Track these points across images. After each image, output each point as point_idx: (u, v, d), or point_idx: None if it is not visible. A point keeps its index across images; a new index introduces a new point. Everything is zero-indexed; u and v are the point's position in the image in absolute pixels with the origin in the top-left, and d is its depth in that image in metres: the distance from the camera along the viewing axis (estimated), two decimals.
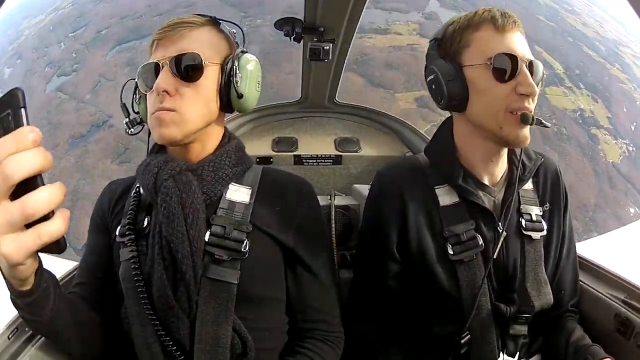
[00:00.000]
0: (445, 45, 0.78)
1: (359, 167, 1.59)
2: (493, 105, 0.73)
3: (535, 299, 0.81)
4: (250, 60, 0.76)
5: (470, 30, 0.76)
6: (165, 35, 0.72)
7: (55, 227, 0.36)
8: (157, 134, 0.71)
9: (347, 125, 1.69)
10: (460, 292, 0.78)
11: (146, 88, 0.73)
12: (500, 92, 0.73)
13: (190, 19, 0.74)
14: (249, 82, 0.74)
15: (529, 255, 0.82)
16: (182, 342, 0.70)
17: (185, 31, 0.72)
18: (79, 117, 37.86)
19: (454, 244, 0.79)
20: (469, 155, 0.83)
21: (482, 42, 0.75)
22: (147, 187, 0.73)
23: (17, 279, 0.49)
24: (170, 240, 0.69)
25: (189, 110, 0.70)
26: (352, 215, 1.36)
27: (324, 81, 1.43)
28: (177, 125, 0.70)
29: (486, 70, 0.73)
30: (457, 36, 0.77)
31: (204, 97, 0.72)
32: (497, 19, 0.74)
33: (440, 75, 0.75)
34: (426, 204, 0.82)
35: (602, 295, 0.93)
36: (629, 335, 0.85)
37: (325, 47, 1.01)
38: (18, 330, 0.75)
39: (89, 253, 0.84)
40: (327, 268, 0.83)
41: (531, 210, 0.85)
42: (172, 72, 0.69)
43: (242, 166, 0.79)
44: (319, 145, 1.62)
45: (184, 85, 0.70)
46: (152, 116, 0.71)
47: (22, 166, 0.34)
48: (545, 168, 0.90)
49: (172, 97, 0.69)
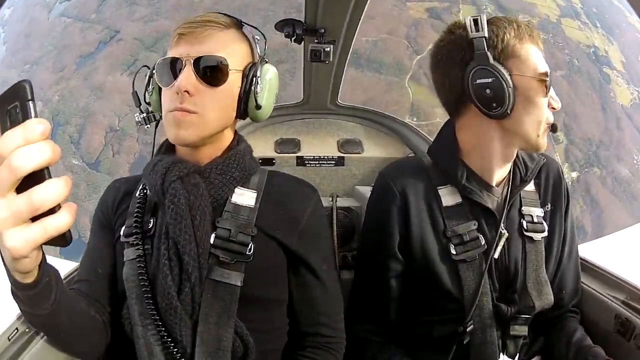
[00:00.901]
0: (492, 49, 0.75)
1: (362, 169, 1.58)
2: (540, 116, 0.76)
3: (536, 299, 0.82)
4: (271, 70, 0.76)
5: (517, 40, 0.76)
6: (191, 32, 0.70)
7: (61, 220, 0.36)
8: (173, 134, 0.71)
9: (349, 127, 1.66)
10: (462, 292, 0.79)
11: (164, 82, 0.71)
12: (544, 104, 0.76)
13: (218, 19, 0.72)
14: (268, 93, 0.75)
15: (530, 256, 0.83)
16: (183, 343, 0.69)
17: (212, 31, 0.71)
18: (85, 37, 37.43)
19: (457, 244, 0.80)
20: (480, 157, 0.83)
21: (531, 56, 0.76)
22: (154, 188, 0.72)
23: (20, 272, 0.48)
24: (177, 241, 0.69)
25: (207, 113, 0.69)
26: (354, 217, 1.37)
27: (325, 83, 1.41)
28: (195, 127, 0.69)
29: (536, 83, 0.75)
30: (507, 43, 0.75)
31: (223, 103, 0.72)
32: (534, 36, 0.78)
33: (503, 80, 0.73)
34: (429, 203, 0.83)
35: (602, 296, 0.93)
36: (629, 336, 0.85)
37: (326, 49, 1.00)
38: (18, 331, 0.73)
39: (91, 249, 0.83)
40: (330, 272, 0.83)
41: (532, 212, 0.86)
42: (195, 73, 0.68)
43: (249, 170, 0.78)
44: (322, 147, 1.60)
45: (205, 87, 0.69)
46: (169, 114, 0.70)
47: (30, 159, 0.33)
48: (547, 169, 0.90)
49: (192, 97, 0.68)
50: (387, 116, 1.65)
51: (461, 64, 0.77)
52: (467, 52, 0.76)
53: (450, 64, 0.79)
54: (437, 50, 0.82)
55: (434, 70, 0.84)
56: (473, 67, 0.75)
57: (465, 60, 0.76)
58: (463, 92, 0.77)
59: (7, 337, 0.71)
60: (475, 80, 0.74)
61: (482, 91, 0.74)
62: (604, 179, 36.74)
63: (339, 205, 1.40)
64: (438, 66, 0.82)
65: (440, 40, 0.82)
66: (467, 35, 0.75)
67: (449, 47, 0.79)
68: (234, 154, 0.76)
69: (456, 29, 0.79)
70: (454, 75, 0.78)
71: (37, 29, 39.93)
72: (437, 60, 0.82)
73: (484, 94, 0.74)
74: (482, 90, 0.74)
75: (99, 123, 33.11)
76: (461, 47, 0.77)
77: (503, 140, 0.80)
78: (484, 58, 0.74)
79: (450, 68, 0.79)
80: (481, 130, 0.81)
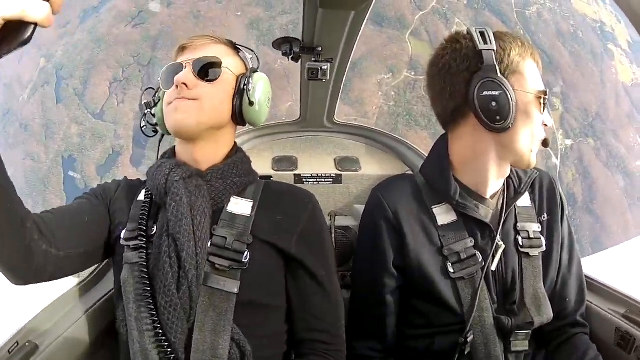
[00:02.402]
0: (499, 63, 0.76)
1: (360, 187, 1.58)
2: (536, 131, 0.78)
3: (535, 315, 0.81)
4: (262, 77, 0.82)
5: (520, 57, 0.77)
6: (192, 44, 0.79)
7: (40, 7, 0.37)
8: (172, 120, 0.74)
9: (346, 144, 1.67)
10: (462, 307, 0.80)
11: (167, 85, 0.77)
12: (540, 121, 0.78)
13: (214, 36, 0.82)
14: (261, 95, 0.80)
15: (527, 272, 0.84)
16: (179, 351, 0.69)
17: (209, 42, 0.80)
18: None
19: (454, 262, 0.81)
20: (474, 171, 0.83)
21: (532, 73, 0.78)
22: (157, 187, 0.75)
23: None
24: (177, 238, 0.70)
25: (204, 101, 0.74)
26: (353, 236, 1.36)
27: (322, 100, 1.42)
28: (193, 111, 0.73)
29: (535, 99, 0.76)
30: (512, 59, 0.77)
31: (219, 96, 0.77)
32: (534, 54, 0.80)
33: (509, 95, 0.74)
34: (424, 223, 0.83)
35: (602, 309, 0.94)
36: (630, 349, 0.85)
37: (324, 67, 1.01)
38: (18, 344, 0.74)
39: (73, 203, 0.80)
40: (331, 278, 0.82)
41: (528, 227, 0.86)
42: (193, 71, 0.74)
43: (248, 177, 0.81)
44: (319, 165, 1.60)
45: (202, 82, 0.75)
46: (170, 106, 0.75)
47: None
48: (540, 180, 0.92)
49: (190, 90, 0.74)
50: (384, 133, 1.67)
51: (466, 74, 0.77)
52: (473, 63, 0.76)
53: (454, 72, 0.79)
54: (439, 57, 0.82)
55: (433, 77, 0.83)
56: (481, 78, 0.75)
57: (470, 70, 0.77)
58: (464, 101, 0.78)
59: (7, 350, 0.72)
60: (482, 92, 0.75)
61: (487, 103, 0.75)
62: (598, 151, 37.34)
63: (337, 225, 1.41)
64: (440, 73, 0.81)
65: (442, 48, 0.82)
66: (475, 46, 0.76)
67: (454, 55, 0.79)
68: (233, 160, 0.80)
69: (462, 38, 0.80)
70: (457, 83, 0.78)
71: None
72: (439, 68, 0.81)
73: (490, 106, 0.75)
74: (487, 102, 0.75)
75: (103, 74, 33.47)
76: (467, 56, 0.77)
77: (497, 154, 0.81)
78: (493, 71, 0.75)
79: (454, 76, 0.78)
80: (476, 142, 0.81)
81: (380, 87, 32.51)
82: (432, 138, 24.85)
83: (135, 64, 33.44)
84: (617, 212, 35.12)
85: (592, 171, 36.03)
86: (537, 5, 39.90)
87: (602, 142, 38.10)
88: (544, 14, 39.81)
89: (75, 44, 34.91)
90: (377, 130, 1.69)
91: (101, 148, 31.31)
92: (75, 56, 34.29)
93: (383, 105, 32.25)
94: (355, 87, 30.44)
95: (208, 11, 34.89)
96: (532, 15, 39.55)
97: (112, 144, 31.34)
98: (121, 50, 33.28)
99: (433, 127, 32.98)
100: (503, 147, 0.80)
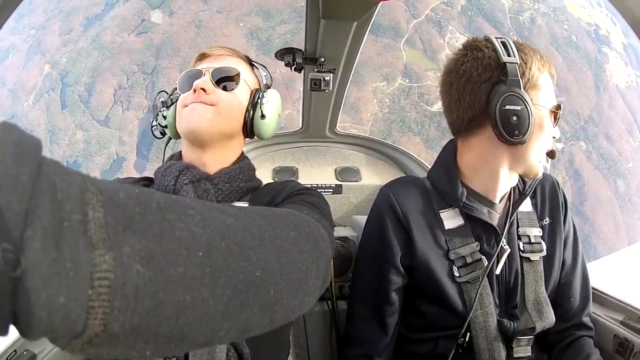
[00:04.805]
0: (521, 77, 0.75)
1: (359, 197, 1.59)
2: (547, 144, 0.80)
3: (537, 320, 0.82)
4: (275, 93, 0.85)
5: (539, 72, 0.77)
6: (212, 53, 0.83)
7: None
8: (186, 121, 0.75)
9: (347, 155, 1.70)
10: (467, 311, 0.80)
11: (184, 89, 0.79)
12: (551, 135, 0.79)
13: (234, 49, 0.86)
14: (273, 110, 0.83)
15: (528, 276, 0.84)
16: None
17: (229, 54, 0.84)
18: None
19: (460, 267, 0.81)
20: (485, 178, 0.83)
21: (548, 87, 0.78)
22: (166, 188, 0.76)
23: None
24: None
25: (221, 108, 0.76)
26: (352, 247, 1.35)
27: (324, 111, 1.44)
28: (209, 115, 0.75)
29: (548, 114, 0.77)
30: (532, 72, 0.76)
31: (233, 106, 0.79)
32: (551, 66, 0.79)
33: (529, 110, 0.74)
34: (432, 226, 0.84)
35: (600, 317, 0.94)
36: (628, 356, 0.86)
37: (326, 78, 1.02)
38: (16, 353, 0.73)
39: None
40: (325, 217, 0.75)
41: (529, 232, 0.87)
42: (212, 79, 0.77)
43: (252, 183, 0.83)
44: (320, 175, 1.62)
45: (219, 90, 0.77)
46: (186, 108, 0.76)
47: None
48: (542, 184, 0.92)
49: (208, 95, 0.75)
50: (385, 144, 1.69)
51: (487, 84, 0.76)
52: (495, 74, 0.75)
53: (474, 81, 0.77)
54: (459, 63, 0.79)
55: (451, 84, 0.80)
56: (505, 92, 0.74)
57: (492, 81, 0.75)
58: (483, 112, 0.77)
59: (5, 358, 0.72)
60: (505, 105, 0.74)
61: (508, 117, 0.74)
62: (589, 154, 38.01)
63: (336, 235, 1.38)
64: (460, 80, 0.78)
65: (463, 55, 0.79)
66: (498, 57, 0.75)
67: (475, 63, 0.77)
68: (240, 166, 0.82)
69: (483, 47, 0.78)
70: (477, 93, 0.77)
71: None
72: (459, 74, 0.79)
73: (510, 120, 0.74)
74: (509, 116, 0.74)
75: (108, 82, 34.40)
76: (489, 66, 0.76)
77: (508, 165, 0.81)
78: (517, 85, 0.74)
79: (475, 85, 0.77)
80: (489, 152, 0.81)
81: (375, 95, 33.30)
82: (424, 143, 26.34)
83: (140, 72, 34.25)
84: (608, 214, 35.97)
85: (582, 173, 36.74)
86: (531, 11, 40.41)
87: (594, 145, 38.79)
88: (537, 19, 40.30)
89: (79, 51, 35.78)
90: (379, 141, 1.72)
91: (106, 154, 32.37)
92: (80, 63, 35.10)
93: (378, 112, 33.04)
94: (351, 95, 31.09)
95: (209, 21, 35.60)
96: (525, 21, 40.08)
97: (117, 149, 32.36)
98: (125, 58, 34.11)
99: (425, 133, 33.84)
100: (515, 159, 0.80)
